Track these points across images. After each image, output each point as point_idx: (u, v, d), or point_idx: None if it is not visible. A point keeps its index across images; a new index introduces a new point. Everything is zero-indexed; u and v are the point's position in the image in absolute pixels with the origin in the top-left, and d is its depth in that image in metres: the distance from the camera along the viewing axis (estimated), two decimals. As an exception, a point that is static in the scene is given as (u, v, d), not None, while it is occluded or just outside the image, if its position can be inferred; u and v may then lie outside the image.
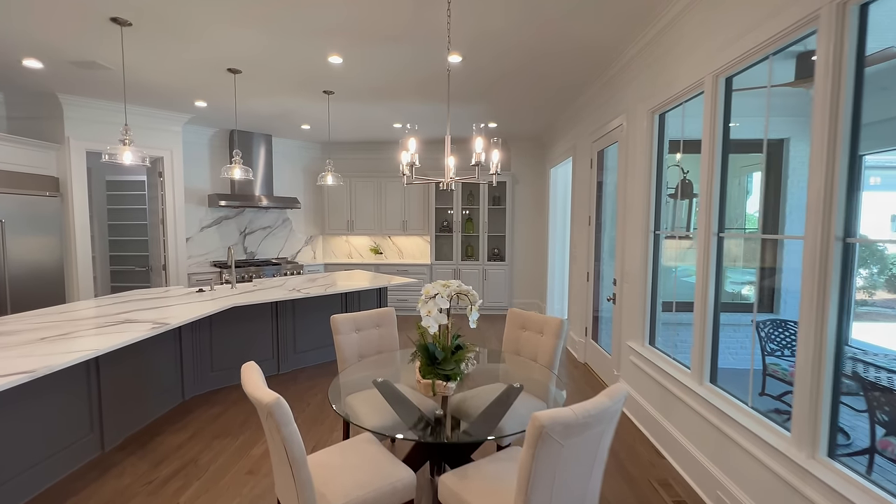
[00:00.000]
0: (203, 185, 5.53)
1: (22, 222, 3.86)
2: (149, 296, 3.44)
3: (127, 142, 2.75)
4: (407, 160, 1.90)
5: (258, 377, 1.52)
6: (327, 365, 4.07)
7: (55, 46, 3.04)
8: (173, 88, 3.95)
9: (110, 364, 2.59)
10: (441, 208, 6.30)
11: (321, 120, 5.01)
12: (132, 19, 2.65)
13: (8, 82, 3.79)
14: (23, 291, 3.88)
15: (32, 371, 1.68)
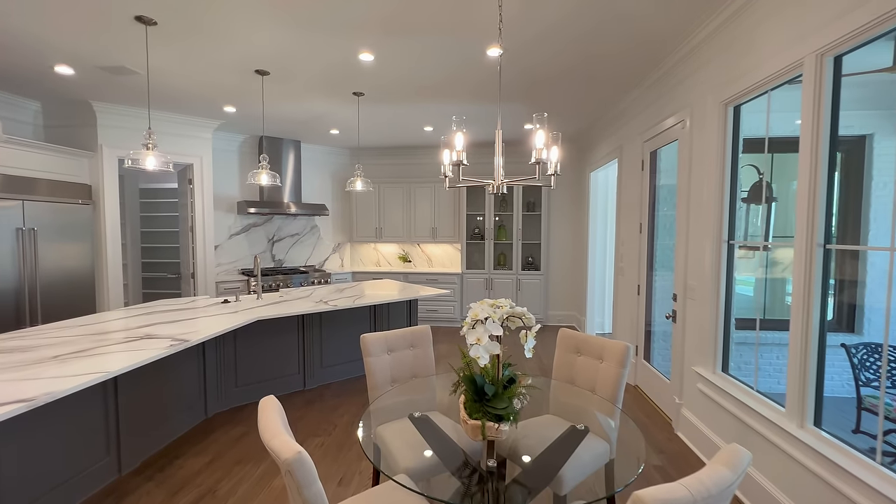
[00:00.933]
0: (232, 192, 5.46)
1: (55, 230, 3.84)
2: (174, 307, 3.32)
3: (150, 146, 2.62)
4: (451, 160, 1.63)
5: (278, 419, 1.28)
6: (355, 381, 3.85)
7: (84, 51, 2.97)
8: (202, 93, 3.85)
9: (129, 381, 2.43)
10: (472, 214, 6.02)
11: (350, 124, 4.85)
12: (157, 17, 2.53)
13: (43, 90, 3.80)
14: (54, 299, 3.85)
15: (32, 399, 1.50)
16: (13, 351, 2.09)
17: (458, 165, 1.62)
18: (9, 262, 3.50)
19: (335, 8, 2.39)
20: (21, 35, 2.73)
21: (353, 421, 3.09)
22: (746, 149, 2.47)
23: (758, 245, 2.55)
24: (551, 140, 1.57)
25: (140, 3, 2.38)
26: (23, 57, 3.07)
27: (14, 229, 3.53)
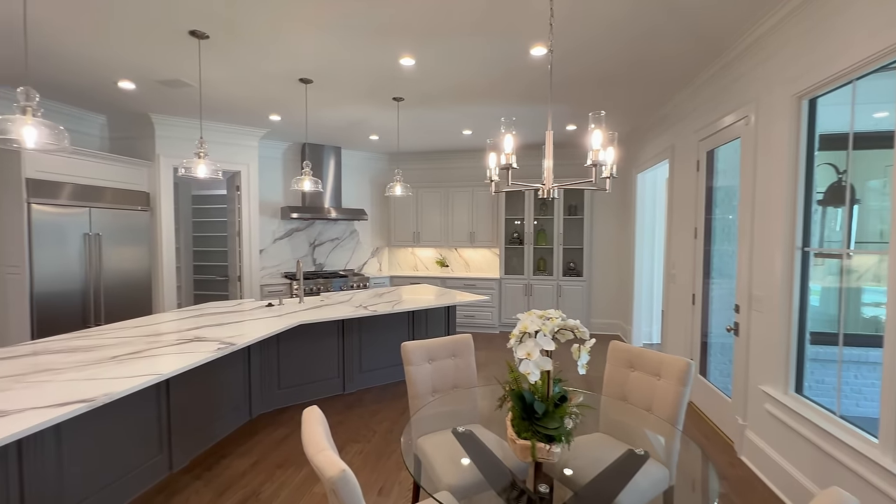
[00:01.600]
0: (276, 197, 5.64)
1: (117, 235, 4.09)
2: (221, 309, 3.43)
3: (202, 154, 2.72)
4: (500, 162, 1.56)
5: (322, 431, 1.25)
6: (393, 387, 3.83)
7: (144, 66, 3.14)
8: (249, 102, 3.99)
9: (180, 382, 2.52)
10: (511, 219, 5.90)
11: (389, 129, 4.88)
12: (209, 31, 2.62)
13: (108, 105, 4.06)
14: (116, 300, 4.10)
15: (92, 399, 1.56)
16: (77, 350, 2.20)
17: (507, 169, 1.55)
18: (77, 265, 3.76)
19: (377, 13, 2.39)
20: (90, 55, 2.92)
21: (393, 428, 3.06)
22: (821, 146, 2.24)
23: (838, 252, 2.29)
24: (607, 140, 1.46)
25: (194, 19, 2.47)
26: (91, 74, 3.29)
27: (82, 234, 3.79)
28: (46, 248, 3.53)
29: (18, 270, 3.44)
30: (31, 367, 1.95)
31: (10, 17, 2.43)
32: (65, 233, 3.66)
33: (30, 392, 1.64)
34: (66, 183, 3.64)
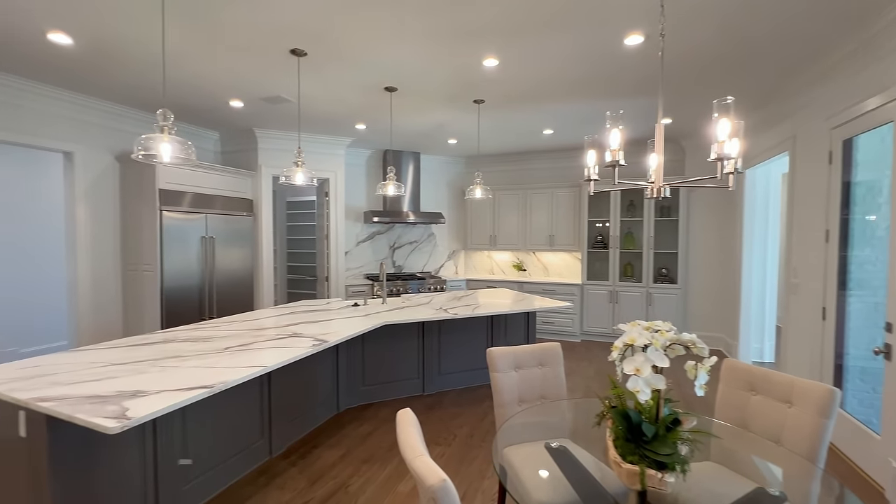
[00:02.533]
0: (360, 202, 5.93)
1: (227, 238, 4.58)
2: (312, 308, 3.66)
3: (299, 163, 2.93)
4: (605, 160, 1.44)
5: (417, 434, 1.24)
6: (472, 391, 3.79)
7: (250, 86, 3.48)
8: (338, 113, 4.24)
9: (278, 373, 2.72)
10: (594, 221, 5.58)
11: (468, 132, 4.89)
12: (307, 49, 2.82)
13: (221, 122, 4.57)
14: (225, 295, 4.59)
15: (211, 386, 1.72)
16: (198, 340, 2.47)
17: (613, 166, 1.42)
18: (195, 264, 4.27)
19: (462, 16, 2.38)
20: (208, 78, 3.30)
21: (473, 433, 3.02)
22: None
23: None
24: (735, 130, 1.27)
25: (295, 38, 2.67)
26: (209, 96, 3.72)
27: (199, 237, 4.30)
28: (173, 249, 4.06)
29: (151, 268, 3.99)
30: (162, 353, 2.22)
31: (153, 50, 2.82)
32: (187, 236, 4.18)
33: (163, 375, 1.86)
34: (186, 192, 4.16)
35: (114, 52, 2.88)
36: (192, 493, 2.17)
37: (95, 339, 3.99)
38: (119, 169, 4.16)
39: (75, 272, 3.90)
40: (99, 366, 1.99)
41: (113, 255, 4.15)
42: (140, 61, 3.01)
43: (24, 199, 4.55)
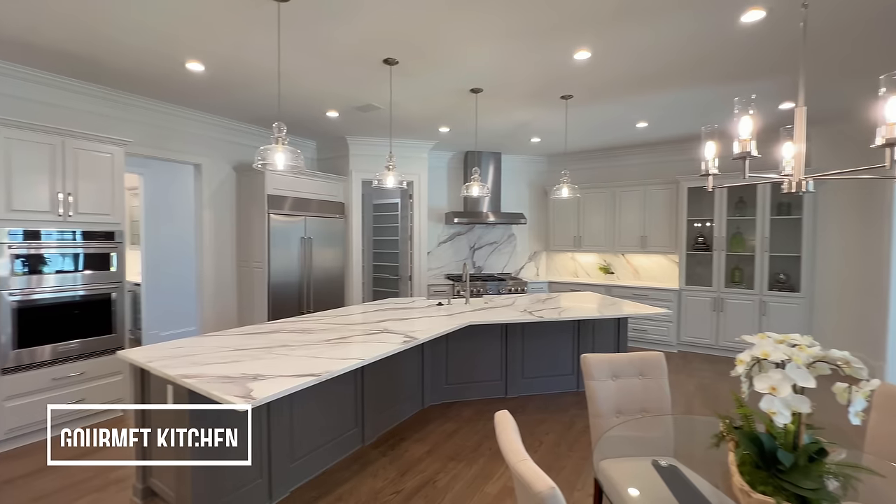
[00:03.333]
0: (441, 204, 6.06)
1: (322, 239, 4.96)
2: (399, 305, 3.81)
3: (391, 167, 3.07)
4: (731, 152, 1.29)
5: (517, 437, 1.22)
6: (557, 398, 3.66)
7: (345, 96, 3.72)
8: (424, 118, 4.37)
9: (371, 367, 2.87)
10: (695, 220, 5.08)
11: (553, 129, 4.74)
12: (399, 57, 2.94)
13: (318, 132, 4.96)
14: (320, 292, 4.97)
15: (318, 375, 1.86)
16: (302, 332, 2.70)
17: (743, 158, 1.27)
18: (296, 263, 4.69)
19: (553, 10, 2.30)
20: (310, 92, 3.60)
21: (560, 441, 2.91)
22: None
23: None
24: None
25: (388, 48, 2.80)
26: (309, 108, 4.06)
27: (299, 238, 4.71)
28: (277, 248, 4.49)
29: (261, 265, 4.46)
30: (273, 341, 2.46)
31: (267, 72, 3.15)
32: (289, 236, 4.60)
33: (276, 362, 2.06)
34: (289, 197, 4.58)
35: (236, 76, 3.27)
36: (297, 471, 2.38)
37: (216, 326, 4.56)
38: (235, 177, 4.72)
39: (202, 267, 4.50)
40: (225, 350, 2.26)
41: (230, 253, 4.72)
42: (256, 82, 3.38)
43: (165, 204, 5.36)
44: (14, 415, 2.77)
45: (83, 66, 3.11)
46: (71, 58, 2.95)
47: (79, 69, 3.16)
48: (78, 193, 3.05)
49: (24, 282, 2.82)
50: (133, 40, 2.70)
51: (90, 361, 3.11)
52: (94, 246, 3.15)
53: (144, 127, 3.89)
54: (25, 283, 2.83)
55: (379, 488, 2.38)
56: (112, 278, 3.25)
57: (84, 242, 3.10)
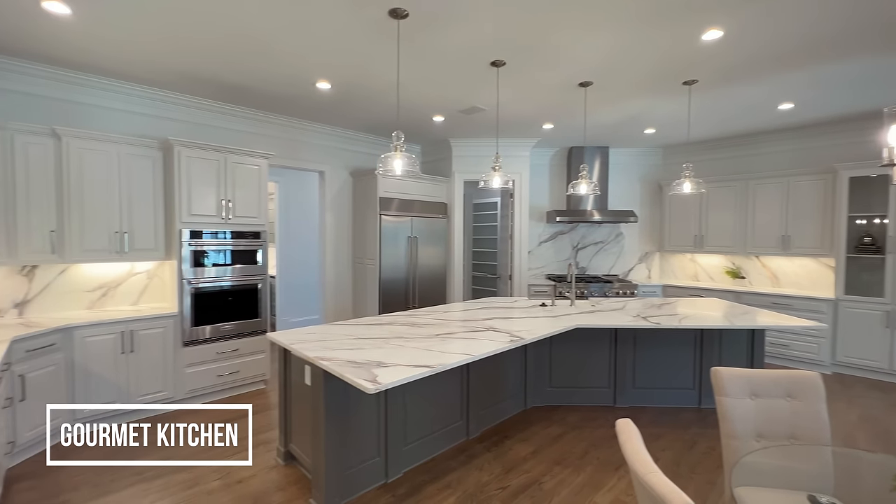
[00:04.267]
0: (542, 202, 5.93)
1: (426, 238, 5.22)
2: (501, 304, 3.84)
3: (496, 168, 3.11)
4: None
5: (644, 447, 1.16)
6: (674, 412, 3.35)
7: (451, 100, 3.85)
8: (528, 116, 4.32)
9: (476, 364, 2.93)
10: (857, 216, 4.21)
11: (672, 119, 4.32)
12: (506, 58, 2.96)
13: (423, 136, 5.21)
14: (424, 289, 5.23)
15: (433, 367, 1.98)
16: (414, 325, 2.89)
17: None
18: (403, 261, 5.00)
19: (684, -13, 2.11)
20: (421, 99, 3.81)
21: (679, 461, 2.67)
22: None
23: None
24: None
25: (495, 51, 2.84)
26: (419, 114, 4.29)
27: (406, 237, 5.02)
28: (388, 247, 4.84)
29: (373, 262, 4.85)
30: (389, 333, 2.67)
31: (384, 85, 3.42)
32: (397, 236, 4.93)
33: (394, 351, 2.23)
34: (397, 199, 4.89)
35: (356, 91, 3.61)
36: (408, 454, 2.55)
37: (335, 315, 5.08)
38: (352, 182, 5.20)
39: (324, 263, 5.06)
40: (349, 338, 2.52)
41: (346, 250, 5.22)
42: (373, 94, 3.68)
43: (295, 208, 6.13)
44: (191, 379, 3.43)
45: (235, 92, 3.71)
46: (228, 86, 3.55)
47: (232, 95, 3.78)
48: (235, 200, 3.66)
49: (197, 273, 3.47)
50: (275, 68, 3.14)
51: (242, 340, 3.71)
52: (245, 244, 3.74)
53: (280, 141, 4.50)
54: (198, 273, 3.48)
55: (485, 482, 2.43)
56: (258, 271, 3.83)
57: (238, 241, 3.70)
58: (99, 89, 3.37)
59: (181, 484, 2.39)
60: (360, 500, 2.26)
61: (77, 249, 3.11)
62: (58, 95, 3.22)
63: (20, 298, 3.12)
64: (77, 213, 3.09)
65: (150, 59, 3.00)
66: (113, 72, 3.24)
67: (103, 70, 3.21)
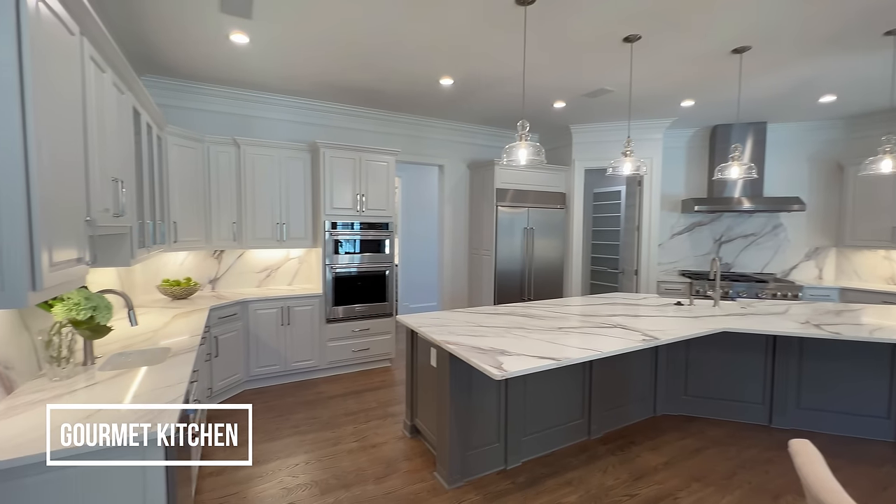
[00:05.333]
0: (677, 189, 5.30)
1: (543, 229, 5.08)
2: (627, 300, 3.55)
3: (628, 153, 2.86)
4: None
5: (830, 476, 0.96)
6: (857, 444, 2.73)
7: (575, 84, 3.65)
8: (664, 94, 3.89)
9: (600, 362, 2.79)
10: None
11: (862, 81, 3.47)
12: (642, 31, 2.69)
13: (541, 124, 5.04)
14: (540, 281, 5.12)
15: (558, 360, 1.93)
16: (532, 317, 2.85)
17: None
18: (519, 252, 4.96)
19: None
20: (541, 87, 3.69)
21: (865, 500, 2.16)
22: None
23: None
24: None
25: (630, 24, 2.60)
26: (538, 102, 4.17)
27: (522, 229, 4.95)
28: (503, 238, 4.84)
29: (489, 253, 4.91)
30: (509, 322, 2.68)
31: (502, 76, 3.40)
32: (513, 227, 4.90)
33: (516, 341, 2.23)
34: (513, 189, 4.85)
35: (477, 84, 3.66)
36: (527, 444, 2.54)
37: (451, 303, 5.29)
38: (469, 174, 5.31)
39: (442, 253, 5.28)
40: (471, 325, 2.60)
41: (463, 241, 5.37)
42: (494, 85, 3.69)
43: (415, 201, 6.51)
44: (332, 351, 3.92)
45: (368, 96, 4.05)
46: (362, 91, 3.90)
47: (365, 98, 4.14)
48: (367, 194, 4.03)
49: (336, 259, 3.93)
50: (403, 67, 3.35)
51: (371, 321, 4.10)
52: (375, 234, 4.11)
53: (404, 138, 4.81)
54: (337, 260, 3.94)
55: (609, 486, 2.30)
56: (386, 259, 4.18)
57: (369, 231, 4.08)
58: (264, 103, 4.01)
59: (326, 441, 2.75)
60: (480, 481, 2.33)
61: (251, 237, 3.77)
62: (235, 111, 3.93)
63: (213, 276, 3.91)
64: (250, 208, 3.74)
65: (303, 73, 3.46)
66: (275, 88, 3.82)
67: (268, 87, 3.81)
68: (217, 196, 3.64)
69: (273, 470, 2.42)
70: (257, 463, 2.48)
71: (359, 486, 2.28)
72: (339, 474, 2.39)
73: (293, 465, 2.47)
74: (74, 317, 1.60)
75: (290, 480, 2.32)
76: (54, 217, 1.23)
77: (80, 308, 1.60)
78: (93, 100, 1.62)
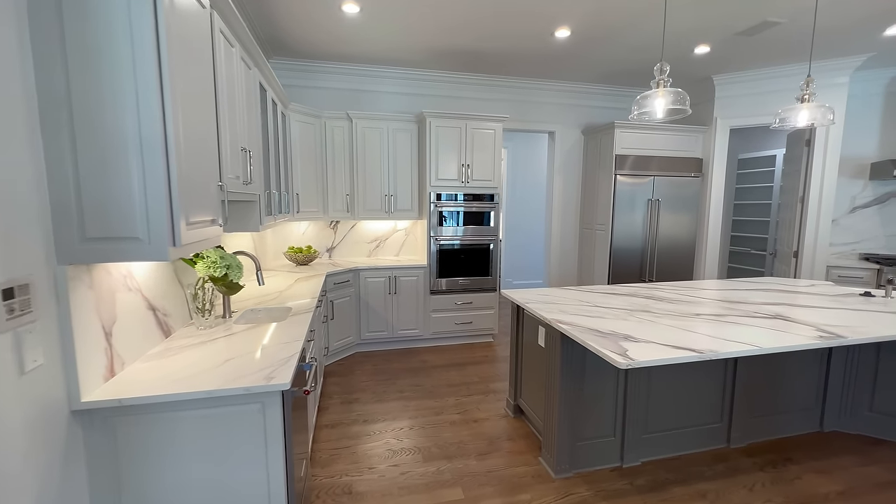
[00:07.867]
0: (863, 151, 4.12)
1: (670, 202, 4.41)
2: (786, 287, 2.88)
3: (806, 98, 2.22)
4: None
5: None
6: None
7: (729, 18, 2.96)
8: (855, 20, 2.95)
9: (747, 360, 2.29)
10: None
11: None
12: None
13: (676, 76, 4.26)
14: (664, 261, 4.49)
15: (701, 352, 1.59)
16: (661, 300, 2.45)
17: None
18: (640, 228, 4.38)
19: None
20: (678, 28, 3.07)
21: None
22: None
23: None
24: None
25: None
26: (673, 49, 3.51)
27: (646, 200, 4.35)
28: (622, 211, 4.32)
29: (604, 228, 4.43)
30: (632, 304, 2.33)
31: (631, 16, 2.91)
32: (635, 199, 4.33)
33: (642, 326, 1.91)
34: (634, 156, 4.25)
35: (597, 32, 3.19)
36: (649, 443, 2.22)
37: (559, 282, 4.96)
38: (583, 141, 4.81)
39: (550, 228, 4.94)
40: (585, 305, 2.32)
41: (574, 215, 4.94)
42: (615, 33, 3.19)
43: (521, 172, 6.20)
44: (435, 322, 3.95)
45: (472, 59, 3.83)
46: (466, 54, 3.70)
47: (469, 62, 3.93)
48: (473, 164, 3.89)
49: (441, 231, 3.90)
50: (509, 25, 3.05)
51: (474, 295, 4.02)
52: (480, 206, 3.97)
53: (511, 104, 4.51)
54: (441, 232, 3.90)
55: None
56: (490, 232, 4.03)
57: (474, 203, 3.95)
58: (373, 77, 4.08)
59: (429, 409, 2.77)
60: (591, 475, 2.11)
61: (362, 209, 3.93)
62: (348, 86, 4.06)
63: (329, 245, 4.20)
64: (362, 180, 3.88)
65: (411, 41, 3.39)
66: (384, 59, 3.84)
67: (376, 59, 3.84)
68: (333, 169, 3.84)
69: (380, 430, 2.51)
70: (366, 422, 2.59)
71: (460, 458, 2.24)
72: (442, 444, 2.37)
73: (398, 429, 2.53)
74: (212, 273, 1.77)
75: (395, 443, 2.38)
76: (190, 183, 1.33)
77: (216, 266, 1.77)
78: (223, 71, 1.71)
